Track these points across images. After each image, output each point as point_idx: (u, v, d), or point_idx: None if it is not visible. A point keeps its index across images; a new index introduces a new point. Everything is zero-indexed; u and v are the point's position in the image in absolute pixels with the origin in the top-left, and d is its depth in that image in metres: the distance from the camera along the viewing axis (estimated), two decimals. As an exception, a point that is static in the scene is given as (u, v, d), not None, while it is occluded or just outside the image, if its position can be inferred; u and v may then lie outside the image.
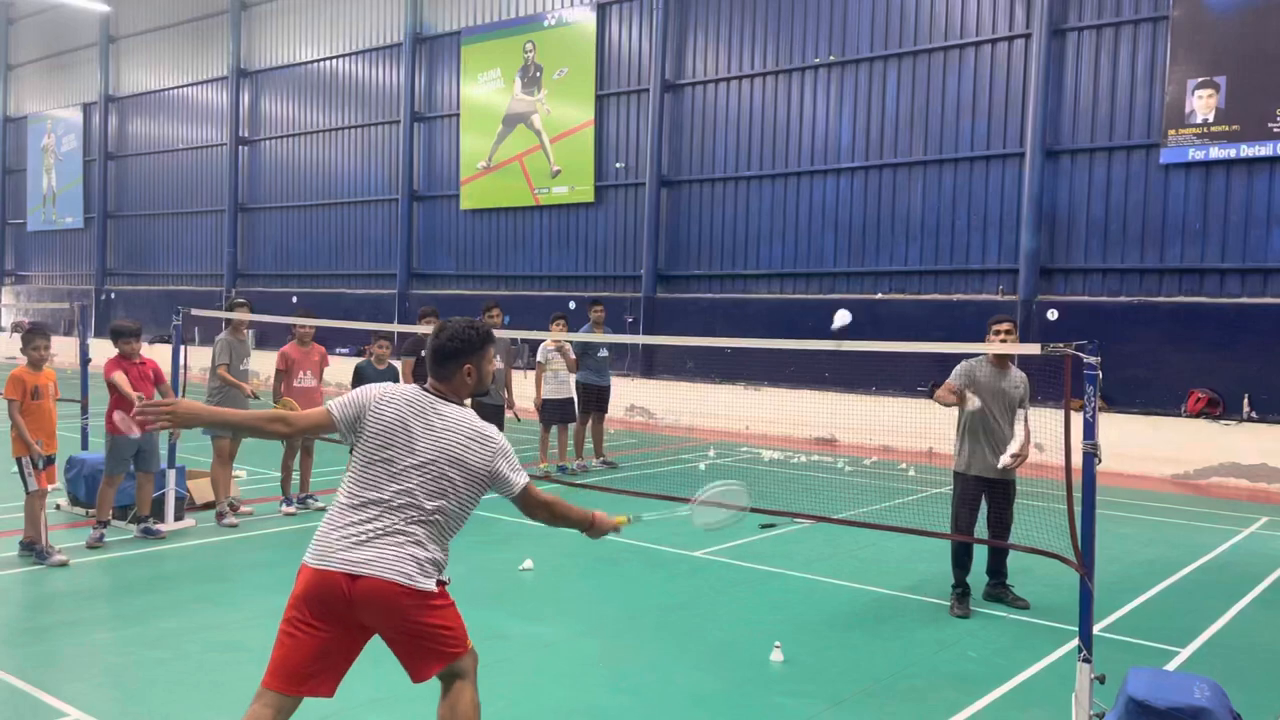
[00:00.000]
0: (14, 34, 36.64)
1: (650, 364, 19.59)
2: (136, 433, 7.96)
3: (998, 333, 6.93)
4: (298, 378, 9.54)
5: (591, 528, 4.01)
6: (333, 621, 3.50)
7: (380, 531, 3.52)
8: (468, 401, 3.90)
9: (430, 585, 3.55)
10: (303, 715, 3.67)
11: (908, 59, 16.97)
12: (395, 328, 13.13)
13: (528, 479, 3.80)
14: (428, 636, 3.58)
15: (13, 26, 36.61)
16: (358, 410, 3.68)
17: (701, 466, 13.11)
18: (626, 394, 18.37)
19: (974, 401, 6.80)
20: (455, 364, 3.75)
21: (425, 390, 3.75)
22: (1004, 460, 6.75)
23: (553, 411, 12.14)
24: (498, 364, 3.95)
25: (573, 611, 6.77)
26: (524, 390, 13.09)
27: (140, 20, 31.35)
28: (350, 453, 3.78)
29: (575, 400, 12.42)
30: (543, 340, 12.31)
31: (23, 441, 7.40)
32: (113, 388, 7.95)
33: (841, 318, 13.29)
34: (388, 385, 3.78)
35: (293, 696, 3.52)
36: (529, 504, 3.84)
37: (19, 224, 36.80)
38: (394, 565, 3.48)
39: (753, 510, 8.23)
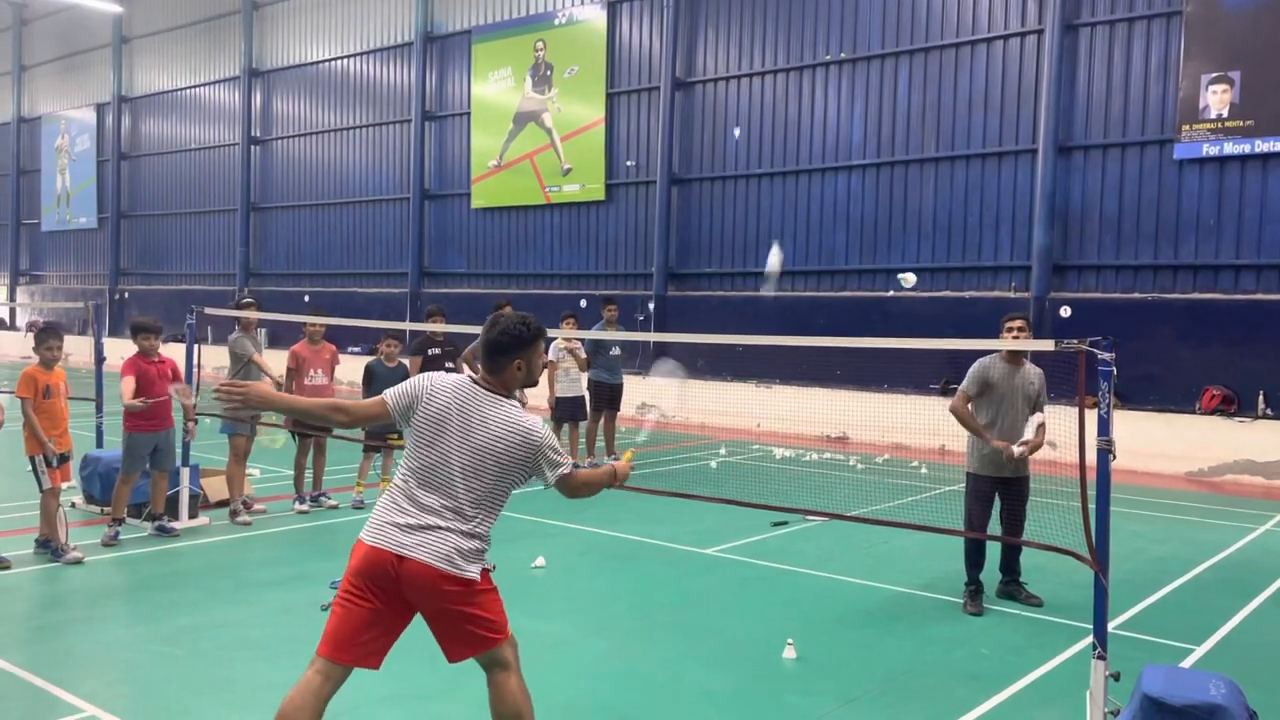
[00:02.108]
0: (28, 35, 36.84)
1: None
2: (190, 399, 8.30)
3: (1010, 330, 6.90)
4: (308, 376, 9.57)
5: (614, 480, 4.17)
6: (382, 595, 3.66)
7: (428, 518, 3.68)
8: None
9: (473, 573, 3.70)
10: (317, 712, 3.69)
11: (919, 55, 16.91)
12: (406, 326, 13.16)
13: (570, 466, 3.90)
14: (467, 621, 3.72)
15: (26, 28, 36.81)
16: (411, 399, 3.83)
17: (713, 464, 13.10)
18: (637, 392, 18.35)
19: (1007, 452, 6.73)
20: (507, 359, 3.85)
21: (475, 382, 3.86)
22: (1016, 449, 6.72)
23: (564, 410, 12.15)
24: (543, 359, 4.01)
25: (584, 609, 6.78)
26: (538, 388, 13.06)
27: (153, 21, 31.48)
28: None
29: (586, 398, 12.43)
30: (554, 339, 12.31)
31: (36, 439, 7.44)
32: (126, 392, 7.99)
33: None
34: (440, 375, 3.92)
35: (343, 665, 3.67)
36: (570, 489, 3.96)
37: (33, 224, 37.01)
38: (439, 551, 3.63)
39: (764, 507, 8.24)
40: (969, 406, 6.95)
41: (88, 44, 33.84)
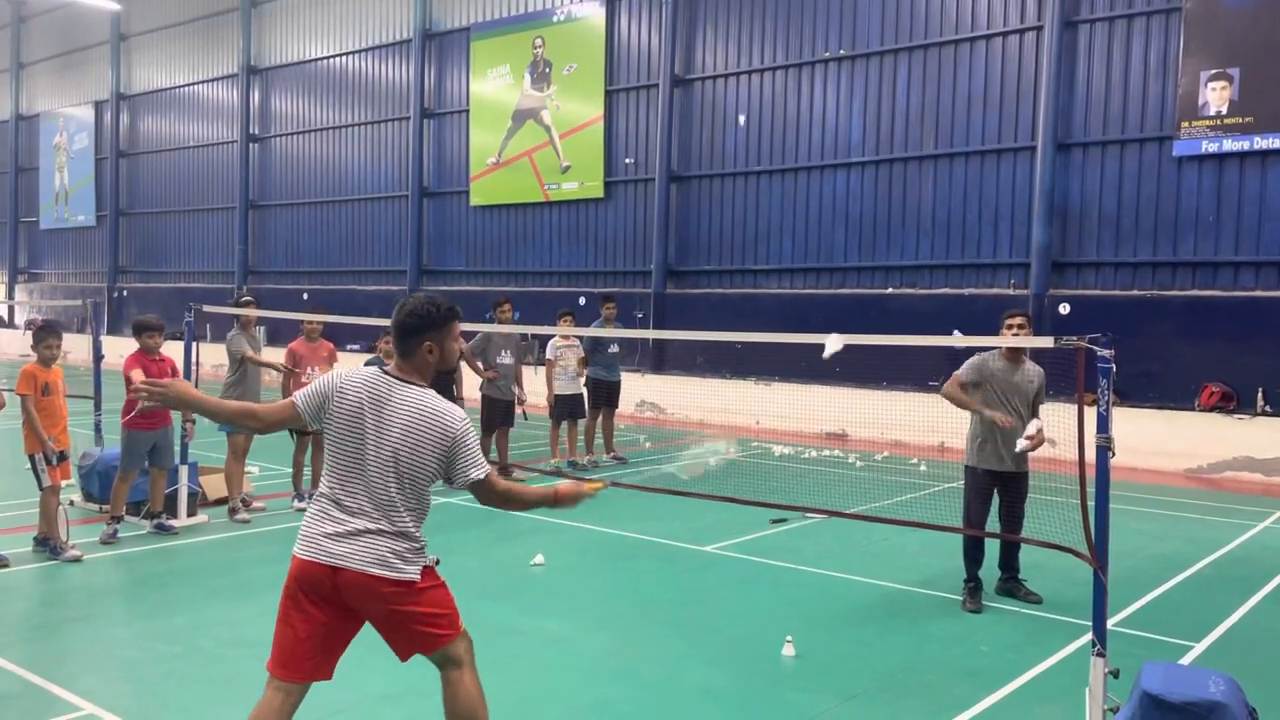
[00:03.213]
0: (26, 32, 36.78)
1: (660, 359, 19.58)
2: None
3: (1010, 326, 6.90)
4: (306, 373, 9.57)
5: (556, 503, 3.87)
6: (324, 606, 3.58)
7: (356, 522, 3.56)
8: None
9: (412, 574, 3.58)
10: (315, 709, 3.69)
11: (918, 52, 16.90)
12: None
13: (486, 470, 3.70)
14: (413, 620, 3.61)
15: (24, 25, 36.75)
16: (321, 399, 3.70)
17: (711, 461, 13.09)
18: (636, 389, 18.37)
19: (1001, 419, 6.71)
20: (416, 340, 3.72)
21: (385, 373, 3.73)
22: (1020, 444, 6.71)
23: (562, 407, 12.15)
24: (459, 344, 3.89)
25: (584, 606, 6.77)
26: (535, 387, 13.08)
27: (151, 18, 31.43)
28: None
29: (584, 395, 12.43)
30: (552, 337, 12.31)
31: (36, 437, 7.44)
32: (128, 383, 7.98)
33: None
34: (350, 370, 3.80)
35: (298, 683, 3.60)
36: (488, 494, 3.75)
37: (32, 222, 36.97)
38: (372, 557, 3.52)
39: (763, 505, 8.22)
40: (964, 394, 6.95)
41: (86, 41, 33.79)
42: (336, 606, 3.59)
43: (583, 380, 12.38)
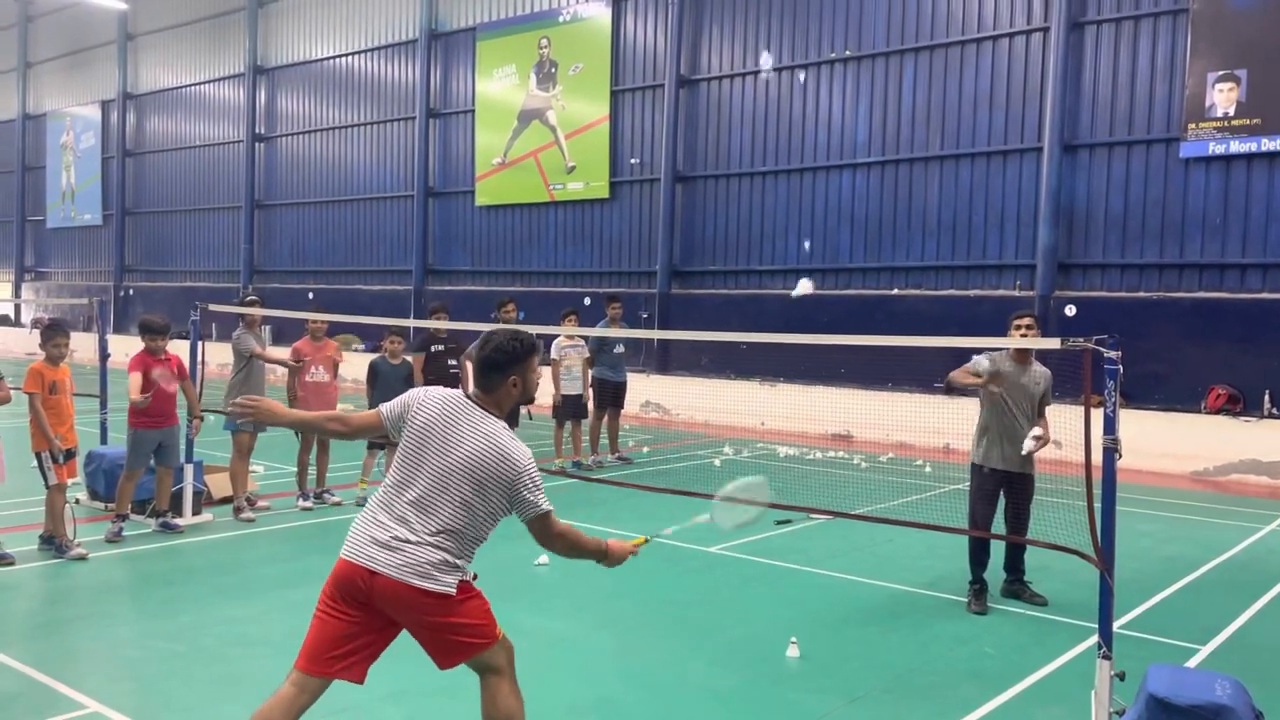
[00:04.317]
0: (33, 32, 36.88)
1: (665, 360, 19.57)
2: (173, 387, 8.17)
3: (1019, 327, 6.88)
4: (310, 373, 9.57)
5: (605, 557, 3.97)
6: (359, 608, 3.61)
7: (402, 530, 3.60)
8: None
9: (448, 587, 3.60)
10: (319, 707, 3.68)
11: (924, 53, 16.87)
12: (410, 323, 13.15)
13: (550, 508, 3.74)
14: (449, 631, 3.66)
15: (32, 24, 36.85)
16: (403, 409, 3.82)
17: (716, 463, 13.09)
18: (641, 390, 18.35)
19: (996, 382, 6.74)
20: (500, 376, 3.77)
21: (467, 397, 3.80)
22: (1027, 445, 6.70)
23: (566, 407, 12.15)
24: (538, 374, 3.91)
25: (587, 606, 6.77)
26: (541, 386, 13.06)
27: (158, 18, 31.50)
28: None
29: (587, 395, 12.41)
30: (555, 337, 12.30)
31: (43, 435, 7.46)
32: (142, 385, 7.99)
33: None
34: (434, 389, 3.86)
35: (320, 678, 3.63)
36: (545, 533, 3.80)
37: (38, 221, 37.07)
38: (411, 568, 3.55)
39: (768, 505, 8.22)
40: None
41: (93, 41, 33.87)
42: (371, 611, 3.62)
43: (586, 379, 12.37)
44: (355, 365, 16.05)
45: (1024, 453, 6.73)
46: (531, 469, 3.70)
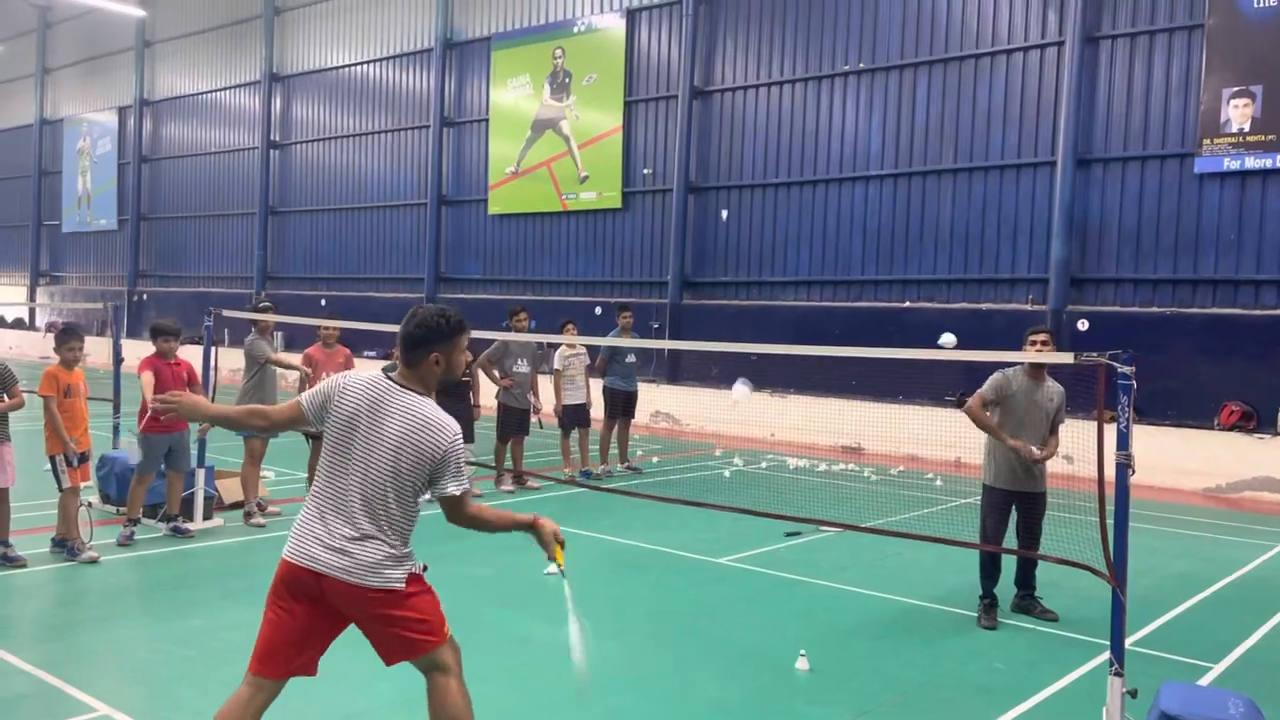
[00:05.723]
0: (51, 37, 37.19)
1: (676, 370, 19.57)
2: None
3: (1034, 343, 6.84)
4: (321, 379, 9.59)
5: (533, 528, 3.93)
6: (312, 603, 3.60)
7: (344, 528, 3.57)
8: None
9: (396, 582, 3.58)
10: (326, 715, 3.68)
11: (938, 66, 16.88)
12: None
13: (463, 489, 3.68)
14: (396, 625, 3.61)
15: (50, 30, 37.16)
16: (324, 399, 3.73)
17: (726, 474, 13.07)
18: (651, 399, 18.35)
19: (1024, 451, 6.67)
20: (422, 352, 3.70)
21: (388, 378, 3.73)
22: (1037, 452, 6.68)
23: (570, 416, 12.16)
24: (465, 356, 3.89)
25: (596, 616, 6.74)
26: (547, 395, 13.08)
27: (175, 25, 31.75)
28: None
29: (588, 405, 12.41)
30: (560, 346, 12.32)
31: (58, 439, 7.49)
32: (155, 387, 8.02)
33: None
34: (354, 373, 3.79)
35: (273, 679, 3.64)
36: (456, 512, 3.74)
37: (54, 225, 37.32)
38: (357, 565, 3.53)
39: (777, 517, 8.20)
40: (985, 412, 6.90)
41: (110, 47, 34.13)
42: (322, 605, 3.61)
43: (588, 389, 12.39)
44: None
45: (1034, 457, 6.70)
46: (458, 445, 3.66)
